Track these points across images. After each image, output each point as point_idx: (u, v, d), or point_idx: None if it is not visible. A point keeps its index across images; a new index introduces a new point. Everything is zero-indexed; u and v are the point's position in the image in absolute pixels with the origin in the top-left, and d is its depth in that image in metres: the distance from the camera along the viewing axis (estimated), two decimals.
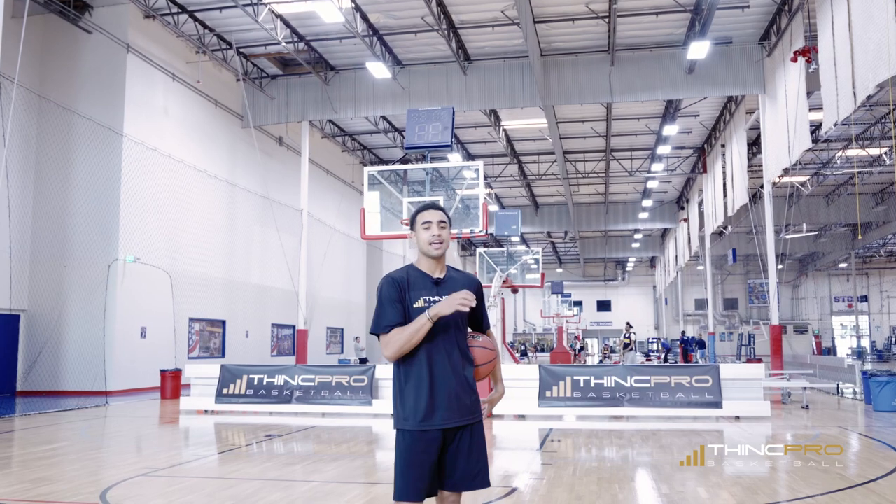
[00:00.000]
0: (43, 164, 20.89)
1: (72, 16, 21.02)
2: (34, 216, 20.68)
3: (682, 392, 13.58)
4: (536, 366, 14.79)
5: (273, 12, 22.05)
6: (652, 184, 41.74)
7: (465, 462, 3.66)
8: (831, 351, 55.92)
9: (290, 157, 30.57)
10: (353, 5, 21.64)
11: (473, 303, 3.56)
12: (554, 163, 37.12)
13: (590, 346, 66.79)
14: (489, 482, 3.73)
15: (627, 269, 72.58)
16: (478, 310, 3.89)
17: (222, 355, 25.72)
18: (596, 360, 52.80)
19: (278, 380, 15.34)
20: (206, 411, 15.44)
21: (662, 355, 47.17)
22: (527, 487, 7.72)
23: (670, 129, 30.93)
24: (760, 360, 28.93)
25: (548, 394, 14.04)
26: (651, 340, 63.22)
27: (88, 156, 20.86)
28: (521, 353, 44.69)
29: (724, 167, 31.53)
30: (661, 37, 24.14)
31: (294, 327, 29.37)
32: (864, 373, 17.51)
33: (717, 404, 13.39)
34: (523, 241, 55.20)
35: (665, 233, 56.23)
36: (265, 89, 26.93)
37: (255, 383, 15.40)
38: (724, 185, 31.58)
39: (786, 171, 25.53)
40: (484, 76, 25.58)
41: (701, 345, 43.75)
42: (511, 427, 13.43)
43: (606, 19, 22.45)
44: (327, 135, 33.19)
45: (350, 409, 14.65)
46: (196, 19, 22.90)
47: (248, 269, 28.03)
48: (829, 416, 14.96)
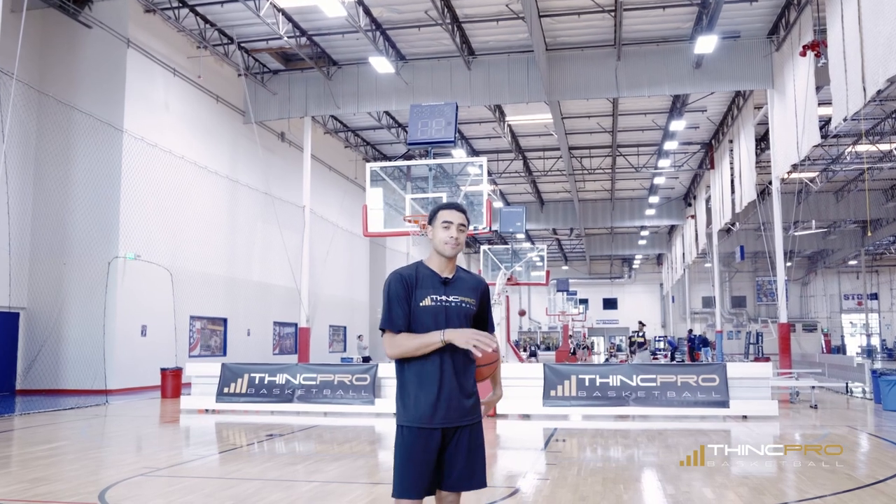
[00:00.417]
0: (42, 161, 20.91)
1: (71, 10, 21.04)
2: (34, 213, 20.71)
3: (688, 391, 13.58)
4: (541, 364, 14.79)
5: (275, 6, 22.04)
6: (659, 180, 41.67)
7: (464, 462, 3.70)
8: (840, 349, 55.78)
9: (292, 153, 30.58)
10: None
11: (489, 349, 3.57)
12: (559, 159, 37.08)
13: (595, 344, 66.76)
14: (486, 483, 3.77)
15: (634, 266, 72.50)
16: (483, 311, 3.96)
17: (223, 354, 25.74)
18: (602, 358, 52.73)
19: (280, 379, 15.36)
20: (207, 410, 15.45)
21: (669, 354, 47.16)
22: (530, 488, 7.71)
23: (677, 125, 30.89)
24: (768, 359, 28.94)
25: (552, 393, 14.03)
26: (658, 339, 63.20)
27: (88, 152, 20.88)
28: (530, 352, 44.66)
29: (731, 163, 31.47)
30: (667, 31, 24.09)
31: (296, 325, 29.38)
32: (874, 372, 17.49)
33: (725, 404, 13.38)
34: (528, 239, 55.18)
35: (672, 230, 56.15)
36: (267, 84, 26.93)
37: (257, 382, 15.42)
38: (732, 181, 31.52)
39: (794, 167, 25.44)
40: (488, 71, 25.55)
41: (704, 342, 43.69)
42: (515, 426, 13.43)
43: (612, 13, 22.42)
44: (330, 130, 33.19)
45: (352, 408, 14.66)
46: (197, 14, 22.91)
47: (250, 267, 28.05)
48: (838, 415, 14.94)
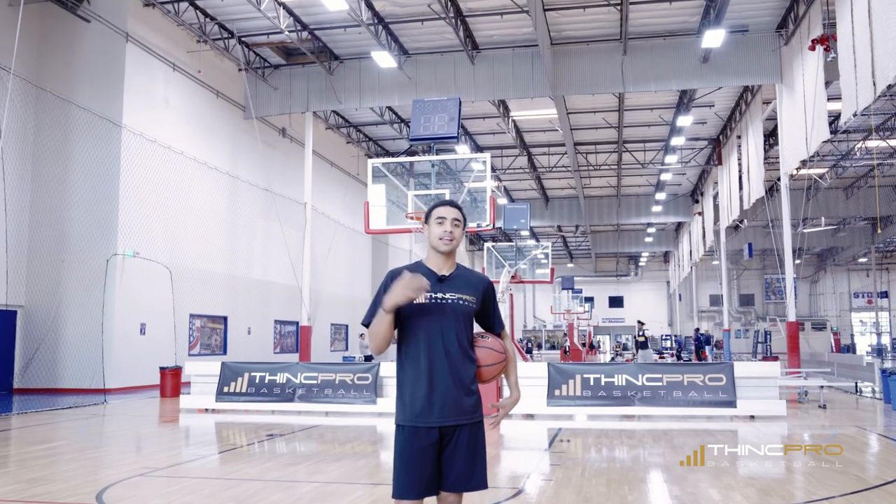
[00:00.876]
0: (40, 157, 20.94)
1: (69, 4, 21.04)
2: (31, 209, 20.75)
3: (695, 391, 13.57)
4: (545, 363, 14.79)
5: (276, 0, 22.06)
6: (665, 176, 41.62)
7: (463, 462, 3.72)
8: (850, 348, 55.64)
9: (294, 149, 30.59)
10: None
11: (421, 289, 3.56)
12: (564, 155, 37.06)
13: (602, 343, 66.73)
14: (486, 484, 3.78)
15: (640, 263, 72.49)
16: (487, 309, 3.97)
17: (223, 352, 25.77)
18: (607, 357, 52.75)
19: (280, 378, 15.37)
20: (207, 410, 15.47)
21: (675, 352, 47.14)
22: (534, 488, 7.71)
23: (684, 120, 30.84)
24: (777, 358, 28.93)
25: (557, 392, 14.03)
26: (665, 337, 63.15)
27: (87, 147, 20.91)
28: (525, 349, 44.70)
29: (739, 159, 31.42)
30: (674, 25, 24.05)
31: (297, 324, 29.41)
32: (884, 371, 17.47)
33: (732, 403, 13.37)
34: (533, 236, 55.19)
35: (679, 227, 56.10)
36: (268, 79, 26.95)
37: (257, 381, 15.43)
38: (740, 177, 31.46)
39: (803, 163, 25.42)
40: (492, 65, 25.54)
41: (706, 341, 43.70)
42: (519, 426, 13.42)
43: (618, 7, 22.38)
44: (331, 126, 33.19)
45: (354, 407, 14.67)
46: (197, 7, 22.92)
47: (251, 264, 28.08)
48: (846, 415, 14.92)
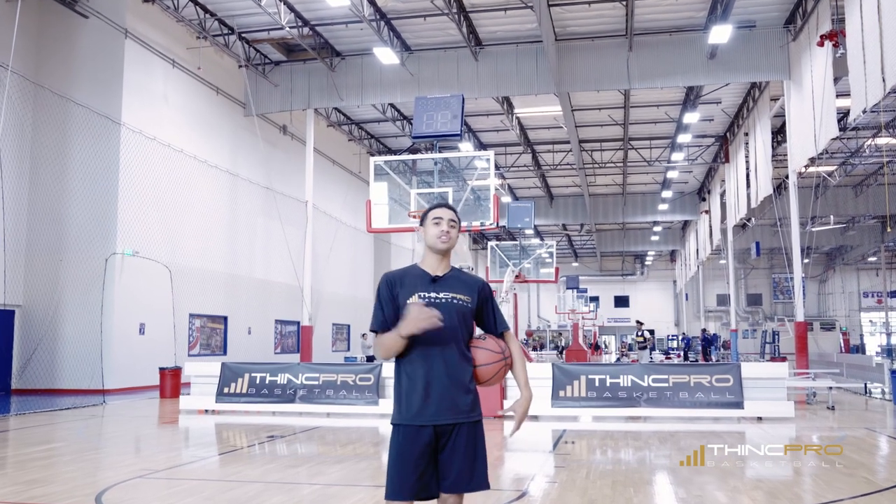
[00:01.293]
0: (38, 154, 20.97)
1: (68, 0, 21.08)
2: (29, 208, 20.78)
3: (701, 392, 13.55)
4: (549, 364, 14.78)
5: None
6: (672, 174, 41.59)
7: (461, 462, 3.76)
8: (859, 349, 55.60)
9: (295, 147, 30.61)
10: None
11: (434, 323, 3.67)
12: (569, 152, 37.06)
13: (608, 343, 66.68)
14: (488, 484, 3.82)
15: (646, 263, 72.44)
16: (485, 310, 4.03)
17: (224, 353, 25.80)
18: (613, 358, 52.72)
19: (281, 378, 15.37)
20: (207, 411, 15.47)
21: (682, 353, 47.13)
22: (538, 491, 7.71)
23: (691, 117, 30.84)
24: (785, 359, 28.88)
25: (561, 393, 14.03)
26: (671, 337, 63.10)
27: (85, 145, 20.93)
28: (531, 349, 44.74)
29: (747, 157, 31.41)
30: (681, 20, 24.05)
31: (298, 324, 29.43)
32: (894, 372, 17.43)
33: (739, 405, 13.35)
34: (537, 234, 55.17)
35: (685, 225, 56.07)
36: (268, 76, 26.97)
37: (258, 382, 15.43)
38: (748, 175, 31.46)
39: (812, 161, 25.41)
40: (496, 62, 25.54)
41: (710, 342, 43.67)
42: (523, 428, 13.37)
43: (624, 2, 22.39)
44: (333, 123, 33.20)
45: (356, 408, 14.67)
46: (196, 3, 22.95)
47: (251, 263, 28.10)
48: (855, 416, 14.90)
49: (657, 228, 57.48)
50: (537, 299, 72.26)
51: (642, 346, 30.08)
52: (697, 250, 49.63)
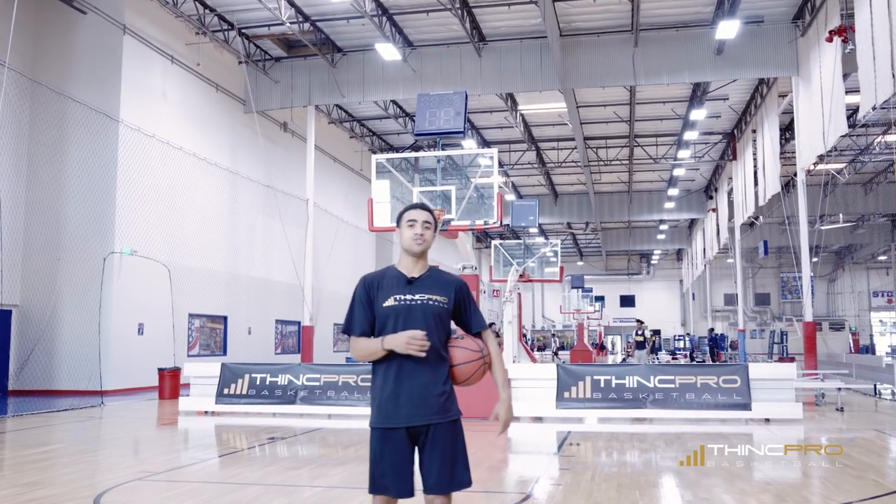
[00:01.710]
0: (36, 152, 21.00)
1: None
2: (27, 206, 20.81)
3: (708, 393, 13.55)
4: (554, 365, 14.79)
5: None
6: (678, 172, 41.58)
7: (440, 463, 3.88)
8: (869, 349, 55.59)
9: (295, 144, 30.62)
10: None
11: (422, 352, 3.84)
12: (574, 149, 37.03)
13: (614, 344, 66.64)
14: (470, 481, 3.93)
15: (652, 262, 72.41)
16: (462, 309, 4.15)
17: (223, 353, 25.82)
18: (618, 358, 52.72)
19: (282, 379, 15.39)
20: (206, 412, 15.49)
21: (688, 353, 47.14)
22: (543, 493, 7.72)
23: (698, 114, 30.82)
24: (793, 359, 28.89)
25: (566, 394, 14.03)
26: (678, 338, 63.07)
27: (83, 143, 20.95)
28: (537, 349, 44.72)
29: (755, 154, 31.37)
30: (687, 15, 24.03)
31: (299, 324, 29.43)
32: None
33: (746, 406, 13.35)
34: (541, 233, 55.16)
35: (692, 224, 56.02)
36: (269, 72, 26.98)
37: (258, 383, 15.45)
38: (755, 172, 31.41)
39: (821, 158, 25.36)
40: (500, 58, 25.53)
41: (713, 342, 43.67)
42: (527, 429, 13.44)
43: None
44: (334, 120, 33.21)
45: (357, 410, 14.66)
46: None
47: (251, 263, 28.12)
48: (865, 418, 14.90)
49: (663, 227, 57.43)
50: (542, 299, 72.28)
51: (641, 345, 30.07)
52: (704, 249, 49.58)
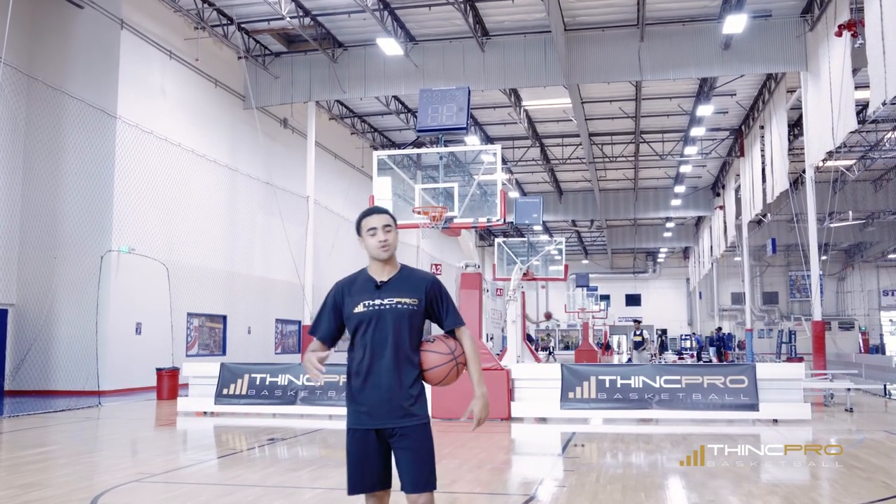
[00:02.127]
0: (32, 149, 21.01)
1: None
2: (23, 204, 20.82)
3: (715, 393, 13.55)
4: (558, 365, 14.79)
5: None
6: (685, 168, 41.55)
7: (408, 464, 4.01)
8: (879, 349, 55.49)
9: (296, 141, 30.62)
10: None
11: (316, 380, 4.21)
12: (579, 146, 37.01)
13: (620, 343, 66.61)
14: (434, 485, 4.04)
15: (658, 260, 72.34)
16: (434, 307, 4.22)
17: (223, 353, 25.85)
18: (624, 358, 52.70)
19: (282, 379, 15.39)
20: (205, 413, 15.51)
21: (696, 353, 47.10)
22: (547, 495, 7.73)
23: (705, 110, 30.79)
24: (802, 359, 28.86)
25: (571, 395, 14.03)
26: (684, 337, 63.00)
27: (80, 139, 20.96)
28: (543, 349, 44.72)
29: (762, 150, 31.34)
30: (694, 9, 24.00)
31: (300, 323, 29.46)
32: None
33: (754, 406, 13.35)
34: (546, 231, 55.12)
35: (699, 221, 55.99)
36: (268, 68, 26.98)
37: (258, 383, 15.46)
38: (763, 169, 31.39)
39: (830, 155, 25.36)
40: (503, 53, 25.51)
41: (714, 342, 43.62)
42: (531, 430, 13.45)
43: None
44: (335, 116, 33.22)
45: None
46: None
47: (251, 261, 28.13)
48: (875, 419, 14.89)
49: (670, 224, 57.40)
50: (546, 298, 72.18)
51: (640, 346, 30.08)
52: (711, 247, 49.54)
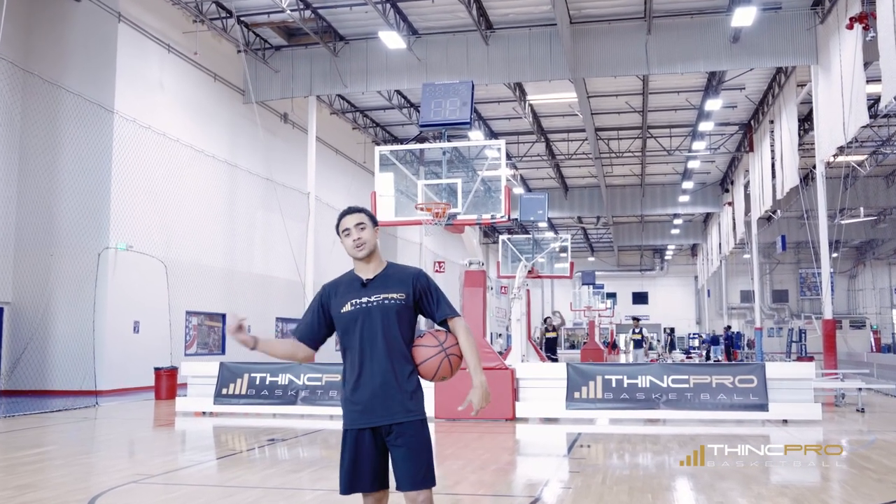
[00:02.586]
0: (27, 144, 21.03)
1: None
2: (19, 200, 20.84)
3: (724, 393, 13.53)
4: (564, 364, 14.79)
5: None
6: (693, 164, 41.50)
7: (404, 461, 4.02)
8: (891, 348, 55.39)
9: (296, 136, 30.63)
10: None
11: (232, 332, 4.24)
12: (585, 141, 36.99)
13: (624, 342, 66.56)
14: (433, 482, 4.05)
15: (666, 257, 72.30)
16: (424, 300, 4.24)
17: (222, 352, 25.87)
18: (631, 357, 52.68)
19: (282, 379, 15.40)
20: (204, 413, 15.53)
21: (704, 352, 47.06)
22: (552, 497, 7.74)
23: (713, 104, 30.75)
24: (812, 359, 28.81)
25: (576, 395, 14.03)
26: (692, 336, 62.99)
27: (77, 135, 20.96)
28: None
29: (772, 145, 31.32)
30: (702, 2, 23.97)
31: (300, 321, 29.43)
32: None
33: (763, 407, 13.33)
34: (551, 227, 55.12)
35: (707, 218, 55.95)
36: (268, 61, 26.98)
37: (258, 383, 15.47)
38: (773, 165, 31.36)
39: (841, 150, 25.32)
40: (508, 46, 25.50)
41: (715, 341, 43.56)
42: (536, 431, 13.45)
43: None
44: (336, 111, 33.23)
45: None
46: None
47: (251, 258, 28.15)
48: (886, 419, 14.88)
49: (677, 221, 57.37)
50: (551, 296, 72.18)
51: (639, 344, 30.08)
52: (720, 244, 49.52)
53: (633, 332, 30.50)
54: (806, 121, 30.74)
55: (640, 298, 72.91)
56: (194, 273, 24.24)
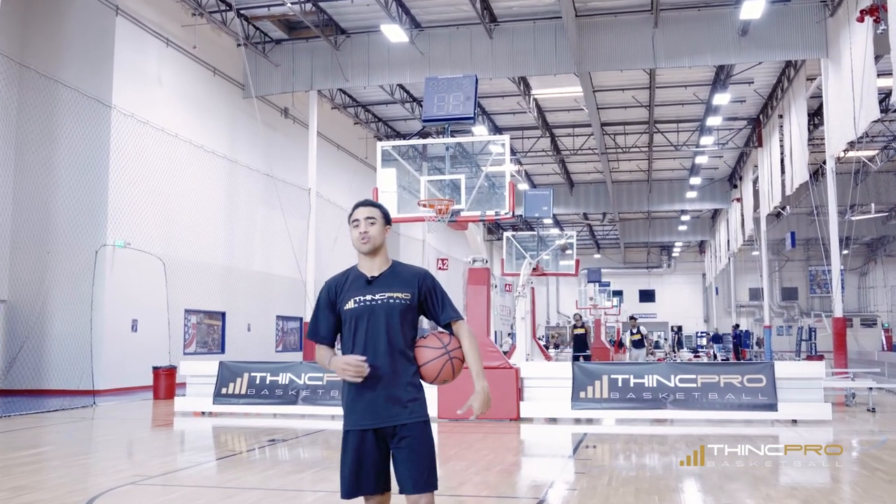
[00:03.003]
0: (24, 140, 21.04)
1: None
2: (14, 197, 20.83)
3: (732, 393, 13.52)
4: (569, 363, 14.78)
5: None
6: (701, 159, 41.46)
7: (408, 464, 4.02)
8: None
9: (297, 131, 30.63)
10: None
11: (357, 378, 3.99)
12: (591, 136, 36.95)
13: (628, 340, 66.51)
14: (435, 485, 4.05)
15: (673, 254, 72.23)
16: (428, 302, 4.24)
17: (221, 351, 25.89)
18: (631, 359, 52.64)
19: (283, 378, 15.42)
20: (204, 413, 15.54)
21: (712, 351, 47.05)
22: (557, 498, 7.74)
23: (721, 98, 30.71)
24: (822, 357, 28.77)
25: (582, 395, 14.02)
26: (700, 334, 62.96)
27: (74, 130, 20.96)
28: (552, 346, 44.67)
29: (781, 140, 31.27)
30: None
31: (301, 320, 29.50)
32: None
33: (772, 406, 13.32)
34: (556, 224, 55.12)
35: (716, 214, 55.89)
36: (269, 55, 26.98)
37: (258, 382, 15.49)
38: (782, 160, 31.32)
39: (851, 145, 25.22)
40: (512, 39, 25.47)
41: (717, 339, 43.49)
42: (541, 431, 13.45)
43: None
44: (338, 105, 33.21)
45: None
46: None
47: (251, 256, 28.16)
48: None
49: (685, 217, 57.31)
50: (556, 293, 72.20)
51: (639, 344, 29.93)
52: (728, 241, 49.47)
53: (632, 333, 30.26)
54: (816, 115, 30.70)
55: (646, 296, 72.85)
56: (193, 270, 24.24)
